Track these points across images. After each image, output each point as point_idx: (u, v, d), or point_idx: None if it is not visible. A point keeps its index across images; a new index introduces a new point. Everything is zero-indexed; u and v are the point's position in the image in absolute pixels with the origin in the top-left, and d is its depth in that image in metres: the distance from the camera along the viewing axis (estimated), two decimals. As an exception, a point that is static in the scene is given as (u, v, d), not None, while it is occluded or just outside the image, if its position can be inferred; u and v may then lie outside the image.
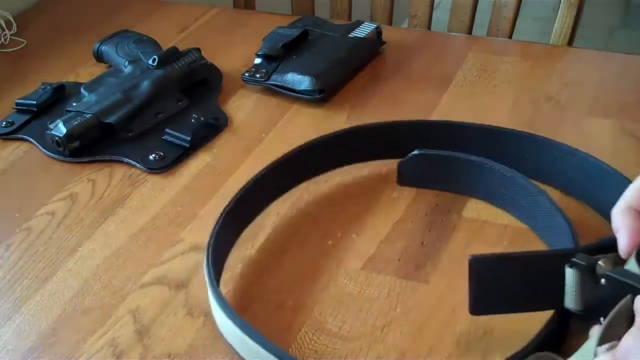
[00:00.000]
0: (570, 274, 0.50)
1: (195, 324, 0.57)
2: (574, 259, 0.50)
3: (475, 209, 0.67)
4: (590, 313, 0.50)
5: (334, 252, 0.63)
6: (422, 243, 0.64)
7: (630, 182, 0.60)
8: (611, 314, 0.45)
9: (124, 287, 0.61)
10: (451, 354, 0.54)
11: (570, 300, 0.50)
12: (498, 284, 0.51)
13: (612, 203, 0.62)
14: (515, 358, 0.49)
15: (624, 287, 0.47)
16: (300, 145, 0.69)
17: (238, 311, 0.57)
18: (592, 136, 0.76)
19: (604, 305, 0.48)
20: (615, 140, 0.75)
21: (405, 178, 0.70)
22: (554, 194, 0.67)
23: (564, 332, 0.53)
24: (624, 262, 0.49)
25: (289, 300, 0.59)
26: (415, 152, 0.69)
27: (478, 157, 0.67)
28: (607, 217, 0.63)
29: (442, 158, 0.69)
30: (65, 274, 0.63)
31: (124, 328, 0.57)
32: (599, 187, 0.65)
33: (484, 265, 0.51)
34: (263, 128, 0.80)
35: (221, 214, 0.61)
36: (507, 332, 0.53)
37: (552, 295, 0.51)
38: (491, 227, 0.65)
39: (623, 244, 0.48)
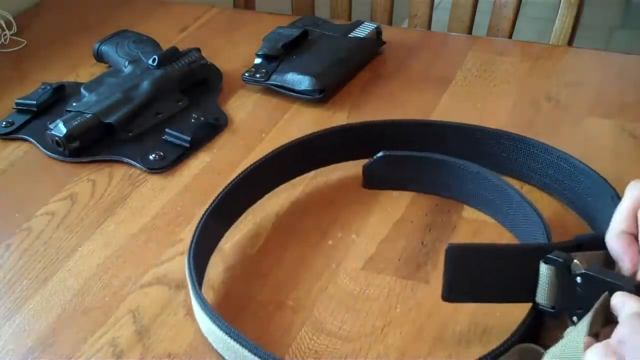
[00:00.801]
0: (544, 269, 0.50)
1: (195, 324, 0.57)
2: (549, 255, 0.50)
3: (475, 209, 0.67)
4: (560, 310, 0.51)
5: (334, 252, 0.63)
6: (422, 243, 0.64)
7: (602, 179, 0.62)
8: (594, 309, 0.46)
9: (124, 287, 0.61)
10: (451, 354, 0.54)
11: (542, 296, 0.51)
12: (473, 274, 0.52)
13: (586, 200, 0.64)
14: (495, 353, 0.49)
15: (600, 285, 0.47)
16: (278, 147, 0.70)
17: (238, 312, 0.58)
18: (592, 136, 0.76)
19: (576, 304, 0.49)
20: (615, 140, 0.75)
21: (371, 181, 0.70)
22: (531, 191, 0.67)
23: (540, 325, 0.53)
24: (598, 262, 0.51)
25: (288, 300, 0.59)
26: (380, 153, 0.69)
27: (445, 156, 0.67)
28: (582, 214, 0.65)
29: (408, 158, 0.68)
30: (65, 274, 0.63)
31: (124, 328, 0.57)
32: (574, 184, 0.65)
33: (460, 254, 0.51)
34: (263, 128, 0.80)
35: (202, 217, 0.61)
36: (507, 332, 0.53)
37: (525, 289, 0.52)
38: (491, 227, 0.65)
39: (626, 270, 0.50)
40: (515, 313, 0.55)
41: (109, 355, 0.55)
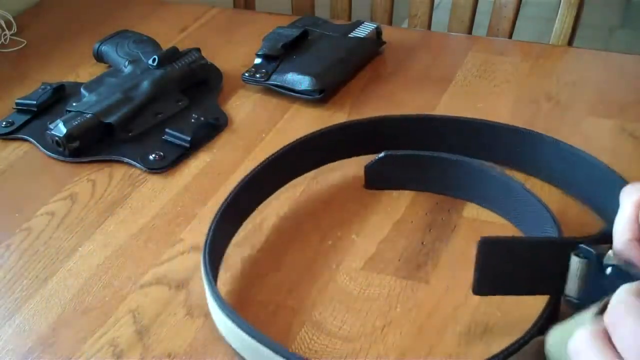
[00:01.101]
0: (576, 262, 0.50)
1: (195, 324, 0.57)
2: (583, 246, 0.50)
3: (475, 208, 0.67)
4: (585, 302, 0.50)
5: (334, 252, 0.63)
6: (422, 243, 0.64)
7: (609, 168, 0.63)
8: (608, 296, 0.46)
9: (124, 287, 0.61)
10: (451, 353, 0.54)
11: (572, 288, 0.51)
12: (504, 267, 0.52)
13: (594, 191, 0.65)
14: (514, 346, 0.50)
15: (628, 278, 0.47)
16: (291, 142, 0.70)
17: (238, 311, 0.58)
18: (592, 136, 0.76)
19: (599, 295, 0.49)
20: (615, 140, 0.75)
21: (373, 181, 0.70)
22: (535, 185, 0.68)
23: (556, 318, 0.53)
24: None
25: (289, 300, 0.59)
26: (382, 153, 0.69)
27: (449, 154, 0.67)
28: (591, 206, 0.65)
29: (411, 157, 0.68)
30: (65, 274, 0.63)
31: (124, 328, 0.57)
32: (581, 176, 0.66)
33: (492, 248, 0.51)
34: (263, 128, 0.80)
35: (215, 215, 0.61)
36: (508, 332, 0.53)
37: (553, 281, 0.52)
38: (491, 227, 0.65)
39: None
40: (515, 312, 0.55)
41: (109, 355, 0.55)
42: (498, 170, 0.65)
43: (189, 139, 0.76)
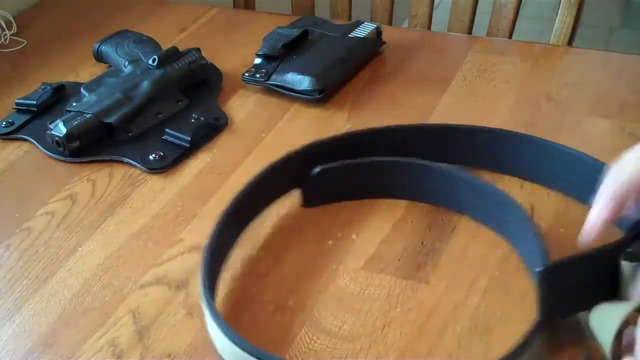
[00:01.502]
0: (627, 265, 0.50)
1: (195, 324, 0.57)
2: (629, 250, 0.50)
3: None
4: None
5: (334, 252, 0.63)
6: (422, 243, 0.64)
7: (603, 164, 0.62)
8: None
9: (124, 287, 0.61)
10: (451, 354, 0.54)
11: (632, 292, 0.50)
12: (566, 289, 0.52)
13: (592, 189, 0.62)
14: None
15: None
16: (301, 147, 0.69)
17: (238, 312, 0.58)
18: (592, 136, 0.76)
19: None
20: (615, 140, 0.75)
21: (313, 199, 0.68)
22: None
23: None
24: None
25: (289, 300, 0.59)
26: (317, 169, 0.67)
27: (390, 158, 0.67)
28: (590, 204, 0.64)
29: (349, 167, 0.67)
30: (65, 274, 0.63)
31: (124, 328, 0.57)
32: (576, 176, 0.66)
33: (553, 274, 0.51)
34: (263, 128, 0.80)
35: (219, 217, 0.61)
36: (507, 332, 0.53)
37: (609, 289, 0.52)
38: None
39: None
40: (515, 312, 0.55)
41: (109, 355, 0.55)
42: (447, 166, 0.65)
43: (189, 139, 0.76)
